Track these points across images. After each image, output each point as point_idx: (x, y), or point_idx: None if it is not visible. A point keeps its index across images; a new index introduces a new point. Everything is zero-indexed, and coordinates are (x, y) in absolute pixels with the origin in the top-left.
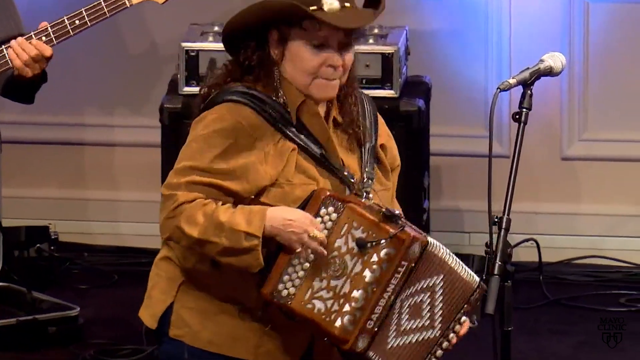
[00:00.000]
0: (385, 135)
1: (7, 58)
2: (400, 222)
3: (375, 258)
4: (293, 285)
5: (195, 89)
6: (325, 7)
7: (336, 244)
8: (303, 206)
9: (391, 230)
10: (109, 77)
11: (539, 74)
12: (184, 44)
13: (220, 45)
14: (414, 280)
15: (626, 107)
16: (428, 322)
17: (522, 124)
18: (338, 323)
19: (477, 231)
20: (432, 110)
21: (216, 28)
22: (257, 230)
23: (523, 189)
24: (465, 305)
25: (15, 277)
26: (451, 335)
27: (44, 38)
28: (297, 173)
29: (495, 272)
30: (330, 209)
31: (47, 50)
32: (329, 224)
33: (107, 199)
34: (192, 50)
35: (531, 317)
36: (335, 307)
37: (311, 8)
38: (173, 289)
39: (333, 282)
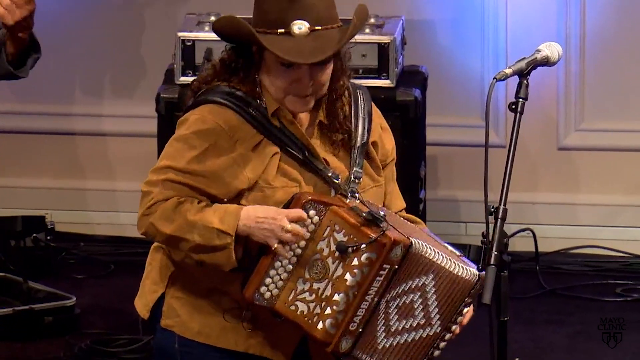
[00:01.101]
0: (377, 131)
1: None
2: (382, 225)
3: (356, 262)
4: (276, 287)
5: (191, 79)
6: (294, 32)
7: (318, 247)
8: (285, 207)
9: (372, 234)
10: (103, 66)
11: (535, 64)
12: (180, 34)
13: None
14: (399, 281)
15: (623, 97)
16: (424, 320)
17: (518, 114)
18: (320, 326)
19: (473, 221)
20: (429, 100)
21: (212, 18)
22: (230, 229)
23: (519, 178)
24: (466, 299)
25: (12, 266)
26: (454, 327)
27: None
28: (278, 176)
29: (492, 262)
30: (312, 212)
31: None
32: (311, 227)
33: (105, 189)
34: (188, 40)
35: (527, 307)
36: (317, 310)
37: (279, 31)
38: (164, 279)
39: (315, 285)
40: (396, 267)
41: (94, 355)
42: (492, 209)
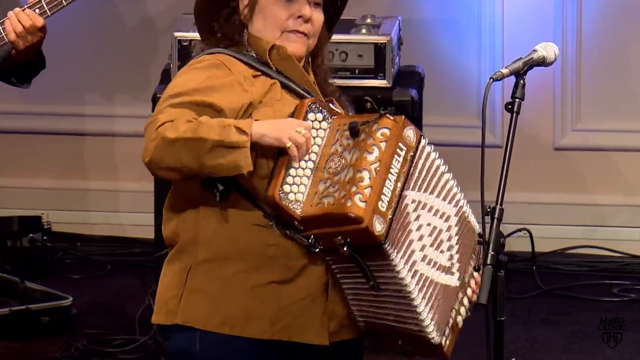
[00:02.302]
0: None
1: (3, 33)
2: (392, 112)
3: (371, 140)
4: (299, 191)
5: None
6: None
7: (332, 149)
8: (291, 116)
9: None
10: (107, 67)
11: (531, 64)
12: (176, 34)
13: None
14: (421, 181)
15: (620, 97)
16: (448, 264)
17: (514, 114)
18: (349, 203)
19: None
20: (425, 100)
21: None
22: (246, 127)
23: (516, 179)
24: (472, 255)
25: (8, 266)
26: (468, 290)
27: (37, 10)
28: (283, 98)
29: (488, 262)
30: (319, 115)
31: (39, 21)
32: (321, 131)
33: (106, 189)
34: (185, 40)
35: (524, 307)
36: (344, 192)
37: None
38: (182, 280)
39: (336, 177)
40: (412, 153)
41: (91, 356)
42: (489, 209)
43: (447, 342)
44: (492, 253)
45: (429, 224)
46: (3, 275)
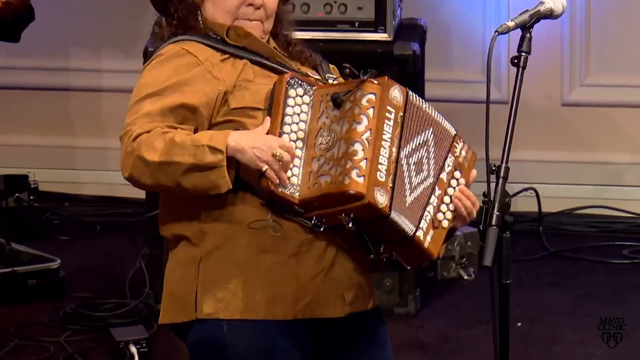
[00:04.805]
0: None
1: None
2: (374, 74)
3: (358, 109)
4: (293, 174)
5: None
6: None
7: (319, 122)
8: (271, 97)
9: (362, 78)
10: (95, 18)
11: (538, 17)
12: None
13: None
14: (410, 134)
15: (631, 50)
16: (426, 173)
17: (521, 69)
18: (347, 180)
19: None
20: (428, 55)
21: None
22: (221, 144)
23: (522, 136)
24: (449, 154)
25: None
26: (450, 190)
27: None
28: (257, 77)
29: (493, 223)
30: (299, 90)
31: None
32: (304, 106)
33: (95, 147)
34: None
35: (530, 269)
36: (339, 169)
37: None
38: (193, 273)
39: (329, 153)
40: (402, 113)
41: (80, 320)
42: (494, 168)
43: (428, 237)
44: (497, 213)
45: (415, 163)
46: None
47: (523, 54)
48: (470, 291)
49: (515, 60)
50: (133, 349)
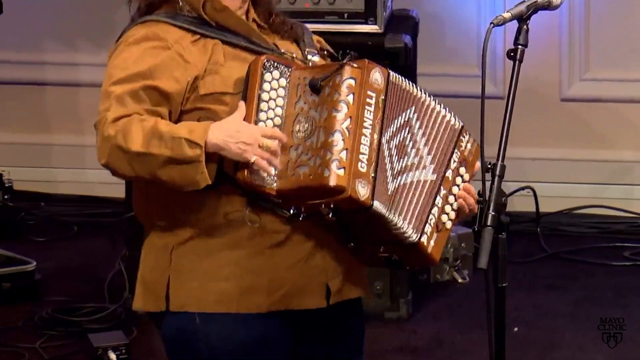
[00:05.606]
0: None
1: None
2: (350, 56)
3: (337, 95)
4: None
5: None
6: None
7: (296, 108)
8: (246, 80)
9: (341, 62)
10: (69, 9)
11: (536, 8)
12: None
13: None
14: (392, 117)
15: (631, 44)
16: (417, 159)
17: (517, 62)
18: (327, 173)
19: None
20: (420, 47)
21: None
22: (199, 139)
23: (519, 132)
24: (455, 150)
25: None
26: (455, 189)
27: None
28: (227, 60)
29: (489, 223)
30: (275, 73)
31: None
32: (281, 90)
33: (71, 144)
34: None
35: (528, 271)
36: (318, 161)
37: None
38: (166, 261)
39: (308, 142)
40: (383, 96)
41: (56, 325)
42: (489, 166)
43: (432, 242)
44: (493, 213)
45: (396, 146)
46: None
47: (520, 46)
48: (464, 295)
49: (512, 53)
50: (112, 356)
